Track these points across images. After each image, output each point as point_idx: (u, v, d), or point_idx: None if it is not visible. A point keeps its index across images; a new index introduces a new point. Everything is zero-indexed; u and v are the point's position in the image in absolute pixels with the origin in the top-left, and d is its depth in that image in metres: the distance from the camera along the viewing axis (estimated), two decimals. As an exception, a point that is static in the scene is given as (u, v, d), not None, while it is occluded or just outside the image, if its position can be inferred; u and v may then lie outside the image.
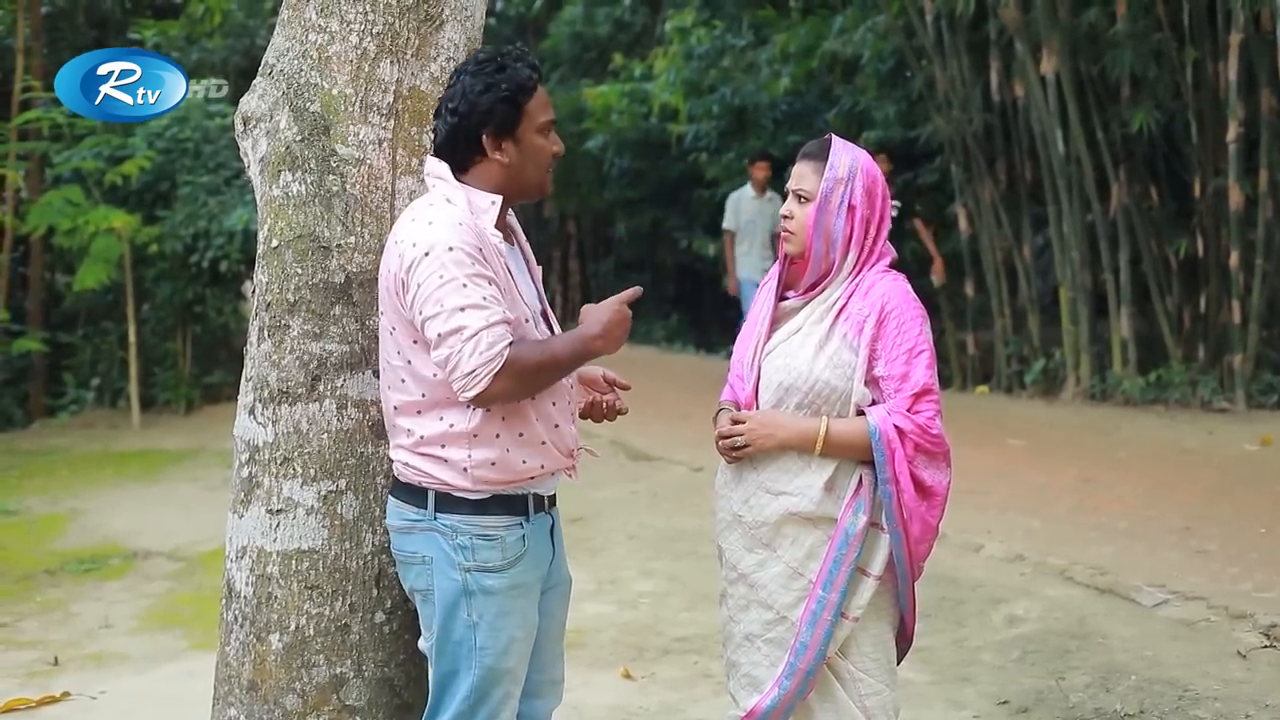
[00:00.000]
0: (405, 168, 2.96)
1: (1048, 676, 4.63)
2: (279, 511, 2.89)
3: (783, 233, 3.04)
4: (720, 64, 14.84)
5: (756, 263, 10.57)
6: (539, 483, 2.80)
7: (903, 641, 3.09)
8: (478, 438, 2.70)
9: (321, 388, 2.89)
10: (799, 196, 3.00)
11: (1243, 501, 6.90)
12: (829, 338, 2.95)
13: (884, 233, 3.01)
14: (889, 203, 3.04)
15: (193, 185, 12.60)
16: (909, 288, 3.00)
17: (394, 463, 2.81)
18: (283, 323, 2.91)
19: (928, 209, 11.66)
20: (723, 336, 15.30)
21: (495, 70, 2.73)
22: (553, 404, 2.80)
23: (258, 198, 3.04)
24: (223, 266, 12.43)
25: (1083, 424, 9.46)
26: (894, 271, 3.02)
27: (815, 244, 2.97)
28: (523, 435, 2.73)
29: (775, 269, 3.13)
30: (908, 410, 2.89)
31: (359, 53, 2.93)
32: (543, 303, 2.91)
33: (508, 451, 2.71)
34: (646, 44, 17.87)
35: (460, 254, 2.61)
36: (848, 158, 2.98)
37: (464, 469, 2.70)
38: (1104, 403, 10.11)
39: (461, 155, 2.76)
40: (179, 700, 4.67)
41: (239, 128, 3.07)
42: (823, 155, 2.99)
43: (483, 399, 2.62)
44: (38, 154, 12.83)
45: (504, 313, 2.63)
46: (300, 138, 2.93)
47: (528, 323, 2.76)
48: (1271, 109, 9.47)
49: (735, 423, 3.00)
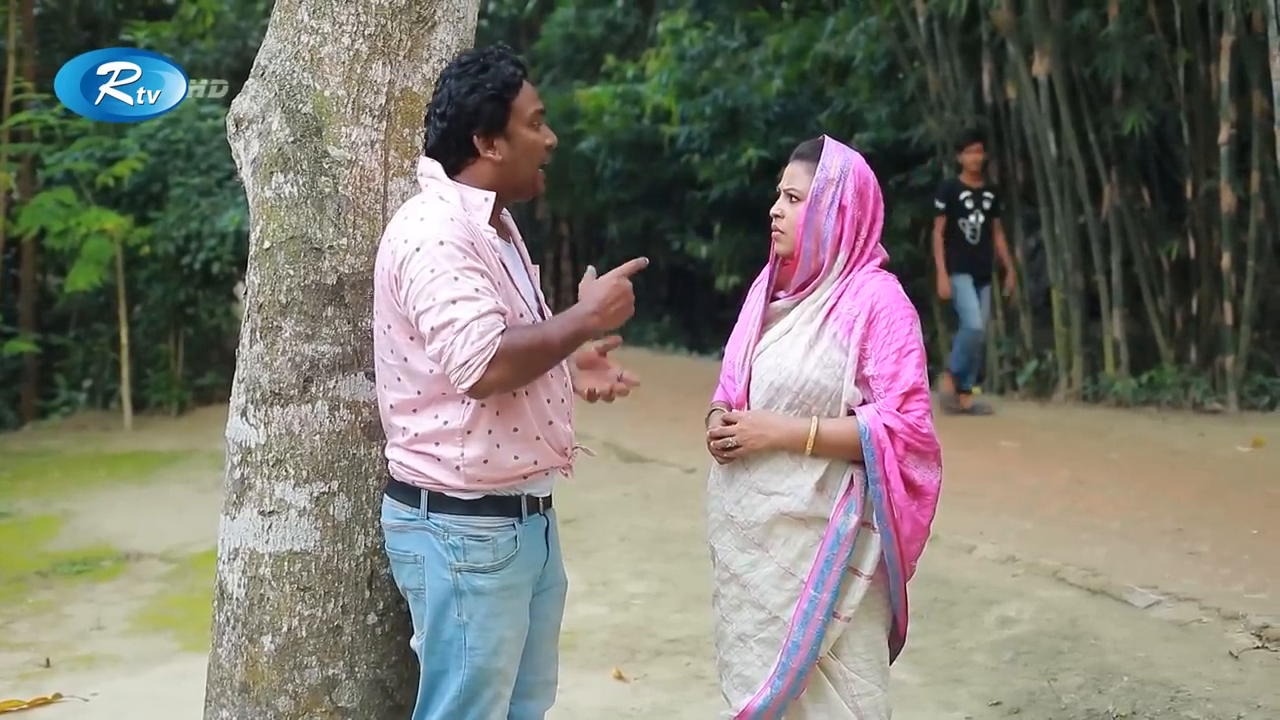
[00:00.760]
0: (397, 169, 2.96)
1: (1040, 678, 4.64)
2: (271, 513, 2.89)
3: (773, 232, 3.05)
4: (713, 65, 14.84)
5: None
6: (533, 482, 2.80)
7: (895, 642, 3.09)
8: (471, 434, 2.70)
9: (314, 389, 2.89)
10: (790, 196, 3.01)
11: (1235, 503, 6.91)
12: (819, 338, 2.96)
13: (876, 234, 3.02)
14: (881, 204, 3.05)
15: (185, 187, 12.57)
16: (899, 288, 3.01)
17: (389, 461, 2.81)
18: (275, 324, 2.91)
19: (919, 211, 11.66)
20: (714, 338, 15.32)
21: (479, 70, 2.74)
22: (547, 400, 2.80)
23: (250, 199, 3.03)
24: (215, 268, 12.41)
25: (1075, 425, 9.47)
26: (884, 272, 3.03)
27: (805, 243, 2.98)
28: (517, 430, 2.73)
29: (767, 269, 3.14)
30: (897, 410, 2.89)
31: (351, 54, 2.93)
32: (539, 300, 2.91)
33: (498, 447, 2.71)
34: (639, 45, 17.88)
35: (451, 248, 2.62)
36: (839, 159, 2.99)
37: (456, 467, 2.70)
38: (1096, 404, 10.13)
39: (454, 157, 2.77)
40: (171, 702, 4.67)
41: (231, 129, 3.07)
42: (815, 156, 3.00)
43: (479, 389, 2.61)
44: (29, 155, 12.81)
45: (496, 303, 2.62)
46: (292, 139, 2.92)
47: (523, 317, 2.76)
48: (1263, 111, 9.47)
49: (727, 423, 3.01)
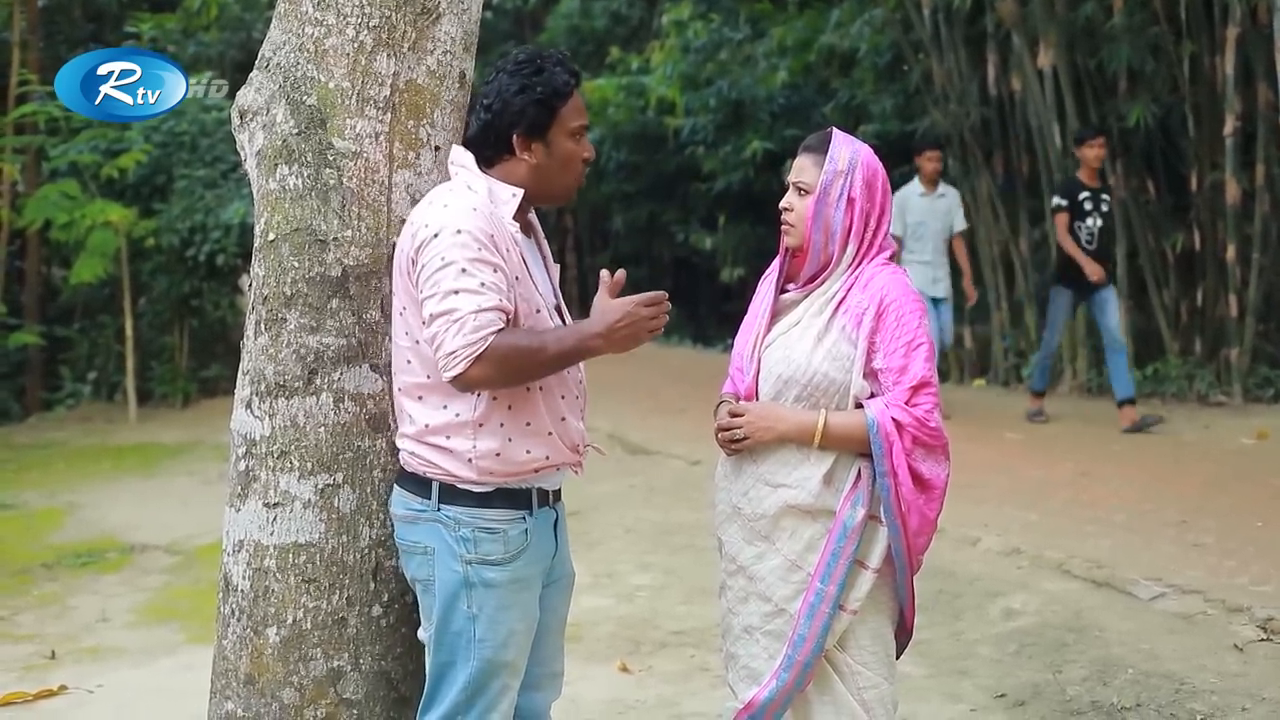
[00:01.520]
0: (402, 161, 2.95)
1: (1045, 670, 4.64)
2: (276, 505, 2.89)
3: (782, 225, 3.04)
4: (717, 57, 14.83)
5: (928, 272, 9.18)
6: (543, 477, 2.81)
7: (902, 635, 3.09)
8: (483, 427, 2.70)
9: (318, 381, 2.89)
10: (799, 189, 3.00)
11: (1239, 495, 6.91)
12: (828, 330, 2.95)
13: (884, 226, 3.01)
14: (890, 196, 3.03)
15: (189, 179, 12.58)
16: (908, 280, 3.00)
17: (400, 451, 2.81)
18: (279, 316, 2.91)
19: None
20: (719, 330, 15.32)
21: (533, 73, 2.74)
22: (561, 397, 2.80)
23: (254, 191, 3.03)
24: (219, 260, 12.42)
25: (1079, 417, 9.47)
26: (893, 264, 3.02)
27: (814, 236, 2.97)
28: (529, 425, 2.73)
29: (777, 261, 3.13)
30: (906, 403, 2.88)
31: (355, 46, 2.92)
32: (558, 298, 2.92)
33: (510, 441, 2.71)
34: (643, 37, 17.88)
35: (467, 237, 2.62)
36: (848, 150, 2.98)
37: (469, 459, 2.70)
38: (1101, 396, 10.11)
39: (490, 151, 2.79)
40: (176, 694, 4.67)
41: (236, 121, 3.06)
42: (823, 148, 2.99)
43: (461, 381, 2.61)
44: (34, 148, 12.82)
45: (499, 300, 2.62)
46: (297, 131, 2.92)
47: (539, 313, 2.76)
48: (1268, 103, 9.46)
49: (734, 415, 3.00)
